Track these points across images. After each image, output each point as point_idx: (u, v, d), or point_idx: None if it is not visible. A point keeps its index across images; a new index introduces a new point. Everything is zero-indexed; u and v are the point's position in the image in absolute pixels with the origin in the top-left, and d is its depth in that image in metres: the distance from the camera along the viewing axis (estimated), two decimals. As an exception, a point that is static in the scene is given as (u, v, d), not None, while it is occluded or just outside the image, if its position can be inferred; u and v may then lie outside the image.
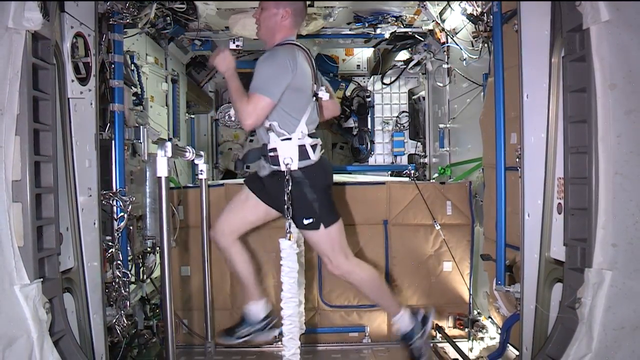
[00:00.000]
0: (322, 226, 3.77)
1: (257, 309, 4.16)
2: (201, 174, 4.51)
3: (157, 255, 4.59)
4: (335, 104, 4.19)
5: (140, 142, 4.34)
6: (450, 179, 5.75)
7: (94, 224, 3.43)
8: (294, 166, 3.64)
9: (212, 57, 3.74)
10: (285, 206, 3.63)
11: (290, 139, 3.66)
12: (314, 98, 3.79)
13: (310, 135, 3.73)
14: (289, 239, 3.61)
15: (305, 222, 3.75)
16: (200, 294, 4.64)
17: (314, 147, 3.73)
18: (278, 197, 3.71)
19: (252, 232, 4.30)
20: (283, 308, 3.64)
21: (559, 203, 3.00)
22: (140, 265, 4.54)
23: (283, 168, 3.65)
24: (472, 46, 4.82)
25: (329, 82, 4.15)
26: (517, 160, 3.52)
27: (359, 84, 8.15)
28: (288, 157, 3.64)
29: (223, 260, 4.80)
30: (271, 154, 3.71)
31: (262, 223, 4.13)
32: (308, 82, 3.71)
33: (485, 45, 4.47)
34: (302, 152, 3.68)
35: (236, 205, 4.04)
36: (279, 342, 4.63)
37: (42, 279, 2.73)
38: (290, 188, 3.63)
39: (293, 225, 3.71)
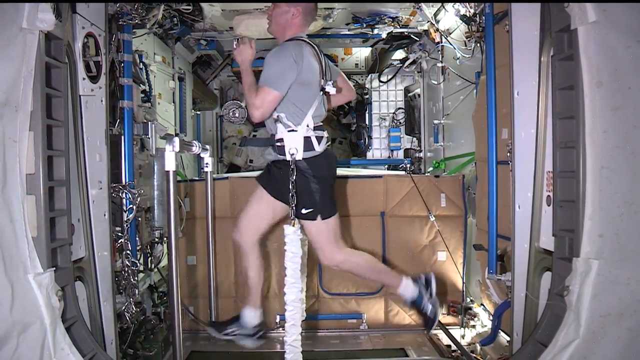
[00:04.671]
0: (319, 217, 3.77)
1: (252, 316, 4.11)
2: (206, 166, 4.51)
3: (165, 245, 4.60)
4: (349, 90, 4.22)
5: (149, 138, 4.33)
6: (444, 172, 5.75)
7: (104, 215, 3.44)
8: (299, 156, 3.65)
9: (236, 48, 3.82)
10: (290, 194, 3.63)
11: (296, 130, 3.68)
12: (322, 92, 3.79)
13: (317, 128, 3.74)
14: (293, 225, 3.62)
15: (304, 211, 3.73)
16: (205, 282, 4.65)
17: (319, 139, 3.73)
18: (282, 185, 3.71)
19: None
20: (286, 293, 3.62)
21: (548, 195, 3.00)
22: (148, 254, 4.53)
23: (288, 158, 3.65)
24: (465, 46, 4.81)
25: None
26: (508, 154, 3.52)
27: (357, 82, 8.14)
28: (293, 147, 3.65)
29: (227, 251, 4.82)
30: (278, 144, 3.72)
31: (280, 218, 3.96)
32: (315, 76, 3.71)
33: (478, 44, 4.47)
34: (307, 144, 3.68)
35: (252, 204, 3.99)
36: (281, 328, 4.67)
37: (54, 268, 2.74)
38: (294, 177, 3.63)
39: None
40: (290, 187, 3.63)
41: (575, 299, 2.60)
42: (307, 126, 3.69)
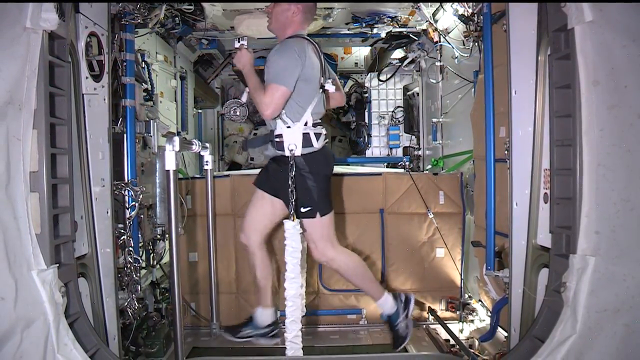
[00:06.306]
0: (318, 215, 3.79)
1: (265, 315, 4.16)
2: (206, 164, 4.51)
3: (166, 242, 4.60)
4: (342, 95, 4.17)
5: (151, 136, 4.34)
6: (442, 170, 5.75)
7: (107, 212, 3.44)
8: (298, 152, 3.67)
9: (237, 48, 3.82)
10: (289, 190, 3.64)
11: (292, 126, 3.68)
12: (321, 90, 3.79)
13: (316, 125, 3.75)
14: (293, 220, 3.62)
15: (303, 210, 3.75)
16: (207, 278, 4.65)
17: (317, 135, 3.74)
18: (279, 182, 3.74)
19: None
20: (286, 288, 3.62)
21: (545, 193, 3.00)
22: (151, 251, 4.54)
23: (287, 153, 3.67)
24: (464, 45, 4.81)
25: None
26: (506, 152, 3.51)
27: (356, 80, 8.14)
28: (292, 143, 3.67)
29: (228, 247, 4.82)
30: (277, 139, 3.74)
31: (282, 215, 3.94)
32: (316, 74, 3.73)
33: (476, 44, 4.46)
34: (306, 140, 3.70)
35: (254, 205, 4.04)
36: (281, 324, 4.67)
37: (58, 265, 2.74)
38: (293, 173, 3.64)
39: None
40: (290, 182, 3.64)
41: (572, 295, 2.60)
42: (306, 123, 3.70)
